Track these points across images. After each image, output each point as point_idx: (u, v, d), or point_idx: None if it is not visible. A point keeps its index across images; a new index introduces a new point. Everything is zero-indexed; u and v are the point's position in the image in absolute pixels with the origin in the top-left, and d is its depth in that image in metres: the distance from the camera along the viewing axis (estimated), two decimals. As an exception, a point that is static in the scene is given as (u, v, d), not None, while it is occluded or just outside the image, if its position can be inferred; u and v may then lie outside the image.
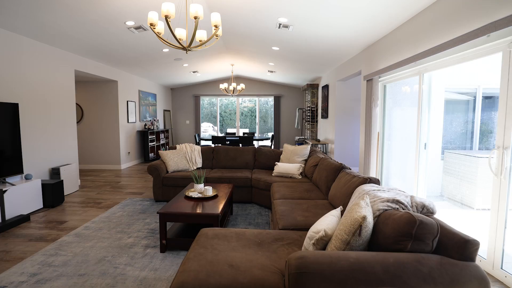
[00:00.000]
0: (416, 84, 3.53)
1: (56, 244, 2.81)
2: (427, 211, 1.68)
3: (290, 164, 4.24)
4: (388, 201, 1.73)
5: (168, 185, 4.18)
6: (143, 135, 8.05)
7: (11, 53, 3.82)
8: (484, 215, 3.60)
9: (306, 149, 4.47)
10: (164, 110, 10.03)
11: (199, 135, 9.04)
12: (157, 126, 8.73)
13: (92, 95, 6.85)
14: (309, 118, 8.82)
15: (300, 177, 4.10)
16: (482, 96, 4.08)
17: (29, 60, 4.13)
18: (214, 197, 3.07)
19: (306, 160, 4.39)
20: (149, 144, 8.02)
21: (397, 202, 1.70)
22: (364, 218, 1.47)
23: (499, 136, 2.25)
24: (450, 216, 3.82)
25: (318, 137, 8.38)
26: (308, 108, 8.86)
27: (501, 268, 2.24)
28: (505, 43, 2.20)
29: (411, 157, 3.61)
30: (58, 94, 4.73)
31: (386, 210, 1.66)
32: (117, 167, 6.97)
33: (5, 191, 3.34)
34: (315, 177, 3.64)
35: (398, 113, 4.22)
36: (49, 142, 4.53)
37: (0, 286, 2.10)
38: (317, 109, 8.53)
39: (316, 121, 8.60)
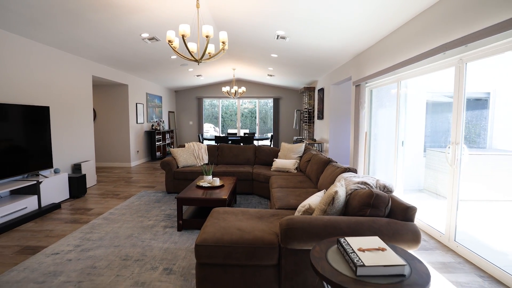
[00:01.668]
0: (396, 89, 4.07)
1: (89, 225, 3.35)
2: (387, 189, 2.22)
3: (286, 160, 4.78)
4: (358, 183, 2.27)
5: (179, 179, 4.71)
6: (150, 135, 8.59)
7: (43, 63, 4.36)
8: (489, 211, 4.13)
9: (301, 147, 5.01)
10: (169, 112, 10.57)
11: (202, 135, 9.58)
12: (162, 126, 9.28)
13: (104, 98, 7.39)
14: (306, 119, 9.37)
15: (295, 171, 4.64)
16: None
17: (56, 68, 4.67)
18: (221, 186, 3.61)
19: (301, 157, 4.93)
20: (156, 143, 8.56)
21: (365, 183, 2.24)
22: (336, 192, 2.01)
23: (453, 134, 2.79)
24: (427, 205, 4.35)
25: (315, 137, 8.92)
26: (306, 110, 9.40)
27: (454, 240, 2.78)
28: (456, 59, 2.74)
29: (392, 153, 4.15)
30: (78, 97, 5.27)
31: (356, 189, 2.20)
32: (127, 165, 7.50)
33: (41, 182, 3.88)
34: (307, 170, 4.18)
35: (382, 115, 4.77)
36: (71, 141, 5.07)
37: (54, 253, 2.63)
38: (313, 111, 9.07)
39: (313, 122, 9.14)
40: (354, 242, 1.48)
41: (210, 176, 3.74)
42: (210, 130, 11.90)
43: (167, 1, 3.54)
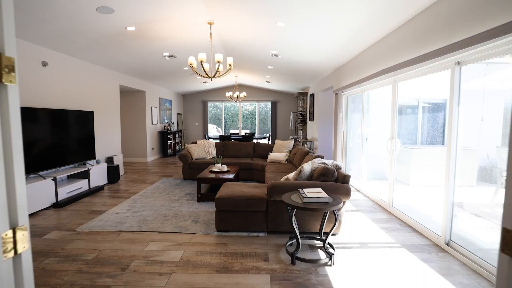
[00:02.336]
0: (364, 97, 5.26)
1: (131, 199, 4.55)
2: (337, 167, 3.41)
3: (279, 154, 5.97)
4: (320, 163, 3.47)
5: (193, 168, 5.91)
6: (163, 135, 9.80)
7: (88, 77, 5.57)
8: (415, 188, 5.31)
9: (290, 143, 6.21)
10: (177, 114, 11.78)
11: (207, 135, 10.79)
12: (172, 127, 10.48)
13: (126, 103, 8.60)
14: (300, 121, 10.56)
15: (285, 162, 5.84)
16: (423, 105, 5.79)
17: (96, 80, 5.89)
18: (228, 171, 4.81)
19: (290, 151, 6.12)
20: (168, 142, 9.77)
21: (324, 163, 3.44)
22: (302, 167, 3.21)
23: (390, 131, 3.99)
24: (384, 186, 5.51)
25: (307, 136, 10.11)
26: (300, 112, 10.60)
27: (392, 206, 3.97)
28: (392, 80, 3.94)
29: (359, 147, 5.34)
30: (109, 103, 6.48)
31: (317, 166, 3.40)
32: (144, 160, 8.71)
33: (90, 169, 5.09)
34: (294, 160, 5.37)
35: (355, 117, 5.96)
36: (105, 138, 6.27)
37: (114, 213, 3.83)
38: (306, 113, 10.26)
39: (306, 123, 10.34)
40: (306, 191, 2.67)
41: (220, 164, 4.94)
42: (213, 131, 13.10)
43: (186, 32, 4.76)
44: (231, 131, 12.88)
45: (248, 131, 12.75)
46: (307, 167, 3.29)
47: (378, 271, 2.43)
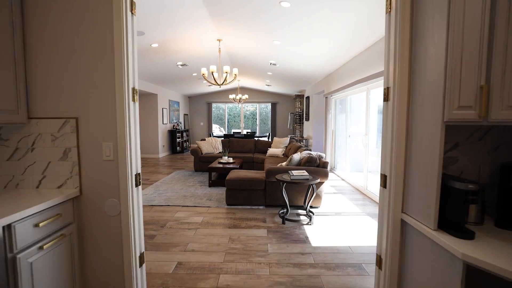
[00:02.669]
0: (348, 101, 6.22)
1: (153, 185, 5.52)
2: (320, 156, 4.37)
3: (276, 149, 6.94)
4: (307, 153, 4.43)
5: (203, 161, 6.88)
6: (172, 134, 10.77)
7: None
8: None
9: (287, 139, 7.17)
10: (184, 114, 12.76)
11: (212, 134, 11.77)
12: (180, 127, 11.45)
13: (140, 104, 9.58)
14: (298, 121, 11.52)
15: (282, 156, 6.80)
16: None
17: (119, 86, 6.86)
18: (233, 162, 5.78)
19: (286, 146, 7.09)
20: (177, 140, 10.75)
21: (310, 153, 4.40)
22: (292, 156, 4.18)
23: (365, 129, 4.94)
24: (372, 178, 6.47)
25: (303, 135, 11.07)
26: (297, 113, 11.56)
27: (367, 189, 4.93)
28: (366, 88, 4.90)
29: (344, 144, 6.30)
30: (130, 105, 7.44)
31: (305, 156, 4.36)
32: (156, 156, 9.69)
33: (117, 161, 6.06)
34: (289, 154, 6.33)
35: (341, 118, 6.92)
36: (126, 136, 7.24)
37: (144, 194, 4.80)
38: (303, 114, 11.22)
39: (302, 123, 11.30)
40: (294, 172, 3.64)
41: (226, 157, 5.91)
42: (216, 130, 14.08)
43: (198, 47, 5.74)
44: (233, 130, 13.85)
45: (249, 131, 13.71)
46: (296, 156, 4.25)
47: (342, 228, 3.39)
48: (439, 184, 1.34)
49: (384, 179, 1.75)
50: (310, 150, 5.16)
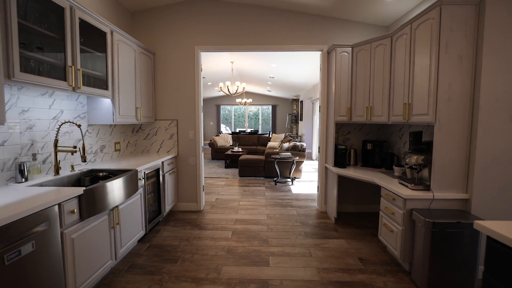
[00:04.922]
0: (327, 106, 8.27)
1: (184, 167, 7.63)
2: (302, 145, 6.45)
3: (274, 142, 9.02)
4: (293, 143, 6.52)
5: (218, 152, 8.99)
6: (188, 131, 12.88)
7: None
8: None
9: (282, 135, 9.26)
10: (197, 115, 14.85)
11: (221, 132, 13.87)
12: (195, 125, 13.56)
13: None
14: (294, 121, 13.57)
15: (278, 148, 8.88)
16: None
17: (154, 94, 9.01)
18: (242, 152, 7.87)
19: (282, 140, 9.17)
20: (192, 137, 12.88)
21: (295, 143, 6.49)
22: (282, 144, 6.28)
23: (336, 127, 7.02)
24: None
25: (298, 133, 13.14)
26: (294, 114, 13.61)
27: (336, 169, 7.01)
28: (336, 97, 6.98)
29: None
30: (160, 109, 9.59)
31: (292, 144, 6.44)
32: (176, 150, 11.79)
33: (156, 150, 8.20)
34: (284, 146, 8.43)
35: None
36: (158, 132, 9.38)
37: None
38: (298, 115, 13.26)
39: (298, 123, 13.35)
40: (282, 154, 5.73)
41: (237, 147, 8.00)
42: (222, 130, 16.16)
43: (216, 67, 7.84)
44: (238, 129, 15.93)
45: (252, 129, 15.79)
46: (286, 145, 6.34)
47: (310, 186, 5.46)
48: (333, 147, 3.44)
49: (319, 149, 3.84)
50: (296, 142, 7.24)
